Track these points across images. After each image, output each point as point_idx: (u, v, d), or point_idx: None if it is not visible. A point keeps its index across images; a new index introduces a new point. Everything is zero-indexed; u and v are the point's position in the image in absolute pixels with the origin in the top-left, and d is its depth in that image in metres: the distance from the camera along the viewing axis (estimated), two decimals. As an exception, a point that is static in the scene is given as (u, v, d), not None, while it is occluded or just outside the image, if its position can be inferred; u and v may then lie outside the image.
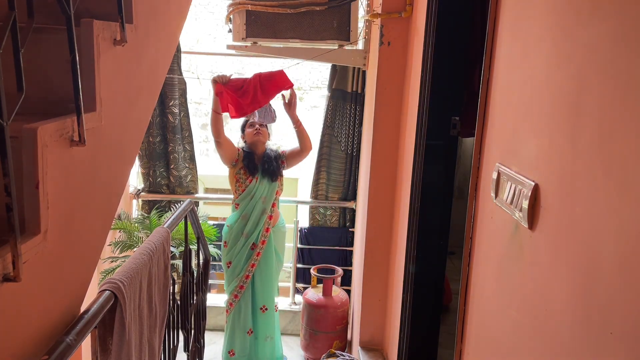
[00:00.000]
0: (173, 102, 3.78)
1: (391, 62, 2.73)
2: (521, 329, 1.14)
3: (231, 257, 3.22)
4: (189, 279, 2.36)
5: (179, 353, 2.24)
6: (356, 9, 3.34)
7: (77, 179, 1.16)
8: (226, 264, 3.25)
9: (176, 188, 3.97)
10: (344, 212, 4.04)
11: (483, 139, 1.48)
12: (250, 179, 3.17)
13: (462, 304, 1.57)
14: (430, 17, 2.18)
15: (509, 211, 1.22)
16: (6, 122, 0.81)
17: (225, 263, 3.26)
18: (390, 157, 2.83)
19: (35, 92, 1.11)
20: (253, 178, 3.17)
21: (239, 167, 3.20)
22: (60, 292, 1.17)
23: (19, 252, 0.88)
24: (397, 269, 2.64)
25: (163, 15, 1.77)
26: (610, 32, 0.85)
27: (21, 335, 1.01)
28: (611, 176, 0.82)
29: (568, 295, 0.93)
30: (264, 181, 3.18)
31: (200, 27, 7.09)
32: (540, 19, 1.13)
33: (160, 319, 1.79)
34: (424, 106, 2.23)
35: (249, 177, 3.17)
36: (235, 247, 3.20)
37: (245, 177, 3.18)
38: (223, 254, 3.29)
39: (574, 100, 0.95)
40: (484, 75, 1.46)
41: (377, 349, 3.02)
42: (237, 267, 3.21)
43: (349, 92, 3.71)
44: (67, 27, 1.05)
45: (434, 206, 2.27)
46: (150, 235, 1.84)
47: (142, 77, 1.58)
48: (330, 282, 3.46)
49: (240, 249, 3.19)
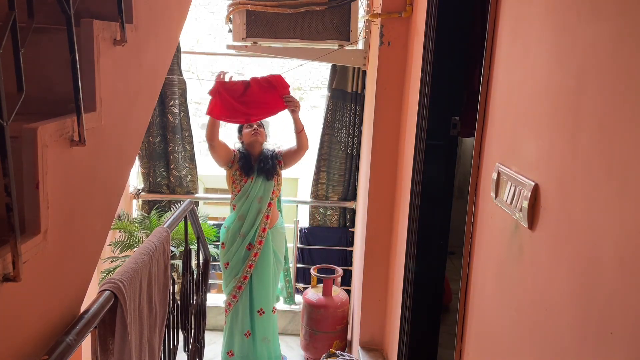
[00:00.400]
0: (173, 102, 3.78)
1: (391, 62, 2.73)
2: (521, 329, 1.14)
3: (229, 258, 3.22)
4: (189, 279, 2.36)
5: (179, 353, 2.24)
6: (356, 9, 3.34)
7: (77, 179, 1.16)
8: (224, 265, 3.26)
9: (176, 188, 3.97)
10: (344, 212, 4.04)
11: (483, 139, 1.48)
12: (245, 179, 3.17)
13: (462, 304, 1.57)
14: (430, 17, 2.18)
15: (509, 211, 1.22)
16: (6, 122, 0.81)
17: (223, 264, 3.26)
18: (390, 157, 2.83)
19: (35, 92, 1.11)
20: (248, 178, 3.17)
21: (235, 168, 3.19)
22: (60, 292, 1.17)
23: (19, 252, 0.88)
24: (397, 269, 2.64)
25: (163, 15, 1.77)
26: (610, 32, 0.85)
27: (21, 335, 1.01)
28: (611, 176, 0.82)
29: (568, 295, 0.93)
30: (259, 180, 3.17)
31: (200, 27, 7.09)
32: (540, 19, 1.13)
33: (160, 319, 1.79)
34: (424, 106, 2.23)
35: (245, 177, 3.17)
36: (232, 247, 3.21)
37: (241, 177, 3.18)
38: (221, 255, 3.29)
39: (574, 100, 0.95)
40: (484, 75, 1.46)
41: (377, 349, 3.02)
42: (234, 268, 3.21)
43: (349, 92, 3.71)
44: (67, 27, 1.05)
45: (434, 206, 2.27)
46: (150, 235, 1.84)
47: (142, 77, 1.58)
48: (330, 282, 3.46)
49: (237, 249, 3.19)
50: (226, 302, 3.30)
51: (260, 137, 3.22)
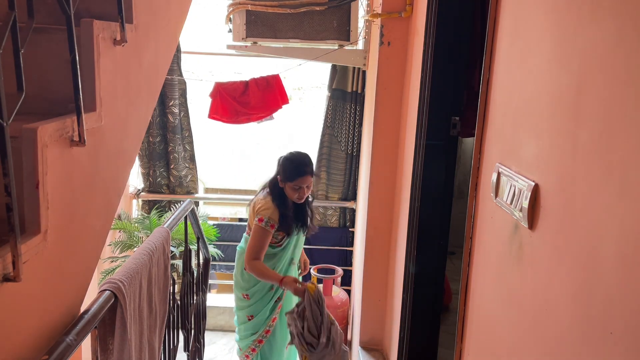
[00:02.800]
0: (173, 102, 3.78)
1: (391, 62, 2.73)
2: (521, 329, 1.14)
3: (254, 312, 2.77)
4: (189, 279, 2.36)
5: (179, 353, 2.24)
6: (356, 9, 3.34)
7: (77, 179, 1.16)
8: (246, 317, 2.80)
9: (176, 188, 3.97)
10: (344, 212, 4.04)
11: (483, 139, 1.48)
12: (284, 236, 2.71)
13: (462, 304, 1.57)
14: (430, 17, 2.17)
15: (509, 211, 1.22)
16: (6, 122, 0.81)
17: (246, 316, 2.80)
18: (390, 157, 2.83)
19: (35, 92, 1.11)
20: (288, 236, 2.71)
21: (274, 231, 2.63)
22: (60, 292, 1.17)
23: (19, 252, 0.88)
24: (397, 269, 2.64)
25: (163, 15, 1.77)
26: (610, 32, 0.85)
27: (21, 335, 1.01)
28: (611, 176, 0.82)
29: (568, 295, 0.93)
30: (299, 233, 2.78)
31: (200, 27, 7.07)
32: (540, 19, 1.13)
33: (160, 319, 1.79)
34: (424, 106, 2.23)
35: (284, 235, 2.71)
36: (262, 300, 2.76)
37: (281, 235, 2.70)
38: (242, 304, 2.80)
39: (574, 100, 0.95)
40: (484, 75, 1.46)
41: (377, 349, 3.02)
42: (259, 324, 2.79)
43: (349, 92, 3.71)
44: (67, 27, 1.05)
45: (434, 206, 2.27)
46: (150, 235, 1.84)
47: (142, 77, 1.58)
48: (330, 282, 3.46)
49: (267, 303, 2.76)
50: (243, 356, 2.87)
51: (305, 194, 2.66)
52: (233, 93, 3.00)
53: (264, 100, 3.02)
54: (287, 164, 2.62)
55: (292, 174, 2.58)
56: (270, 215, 2.57)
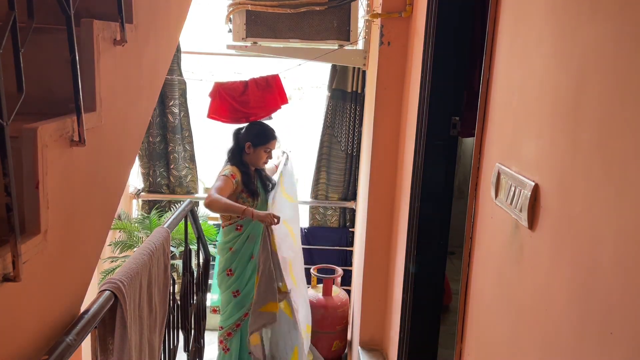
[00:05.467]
0: (173, 102, 3.78)
1: (391, 62, 2.73)
2: (521, 329, 1.14)
3: (240, 286, 2.90)
4: (189, 279, 2.36)
5: (179, 353, 2.24)
6: (356, 9, 3.34)
7: (77, 179, 1.16)
8: (232, 293, 2.91)
9: (176, 188, 3.97)
10: (344, 212, 4.04)
11: (483, 139, 1.48)
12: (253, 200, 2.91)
13: (462, 304, 1.57)
14: (430, 17, 2.17)
15: (509, 211, 1.22)
16: (6, 122, 0.81)
17: (231, 292, 2.91)
18: (390, 157, 2.83)
19: (35, 92, 1.11)
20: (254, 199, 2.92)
21: (238, 191, 2.88)
22: (60, 292, 1.17)
23: (19, 252, 0.88)
24: (397, 269, 2.64)
25: (163, 15, 1.77)
26: (610, 32, 0.85)
27: (21, 335, 1.01)
28: (611, 176, 0.82)
29: (568, 295, 0.93)
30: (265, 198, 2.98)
31: (200, 27, 7.07)
32: (540, 19, 1.13)
33: (160, 319, 1.79)
34: (424, 106, 2.23)
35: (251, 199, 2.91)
36: (245, 273, 2.91)
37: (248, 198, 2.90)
38: (227, 282, 2.91)
39: (574, 100, 0.95)
40: (484, 75, 1.46)
41: (377, 349, 3.02)
42: (247, 297, 2.90)
43: (349, 92, 3.71)
44: (67, 27, 1.05)
45: (434, 206, 2.27)
46: (150, 235, 1.84)
47: (142, 77, 1.58)
48: (330, 282, 3.46)
49: (251, 274, 2.91)
50: (224, 333, 2.96)
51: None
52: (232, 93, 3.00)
53: (264, 100, 3.02)
54: (259, 130, 2.98)
55: (266, 137, 2.95)
56: (231, 171, 2.86)
